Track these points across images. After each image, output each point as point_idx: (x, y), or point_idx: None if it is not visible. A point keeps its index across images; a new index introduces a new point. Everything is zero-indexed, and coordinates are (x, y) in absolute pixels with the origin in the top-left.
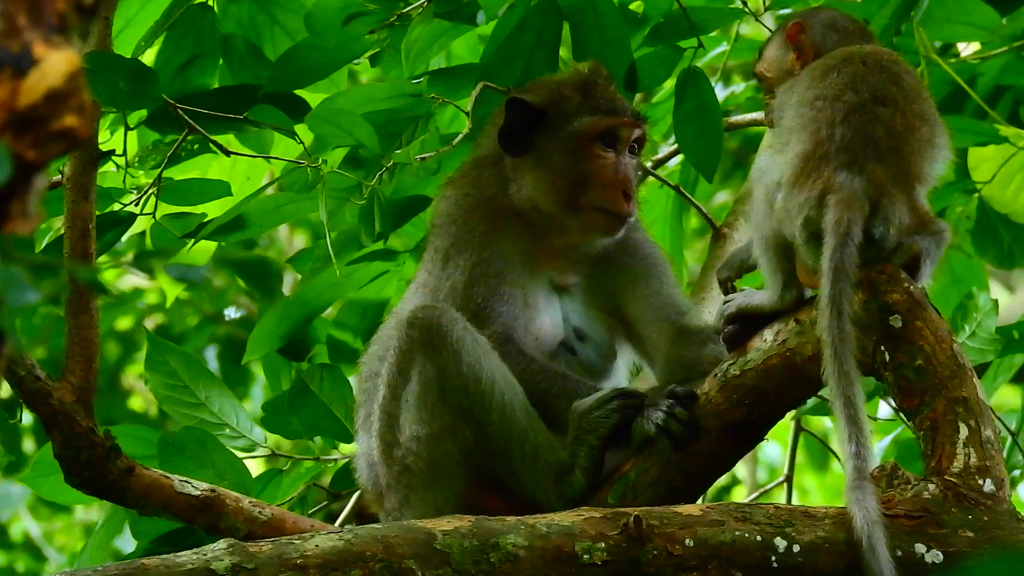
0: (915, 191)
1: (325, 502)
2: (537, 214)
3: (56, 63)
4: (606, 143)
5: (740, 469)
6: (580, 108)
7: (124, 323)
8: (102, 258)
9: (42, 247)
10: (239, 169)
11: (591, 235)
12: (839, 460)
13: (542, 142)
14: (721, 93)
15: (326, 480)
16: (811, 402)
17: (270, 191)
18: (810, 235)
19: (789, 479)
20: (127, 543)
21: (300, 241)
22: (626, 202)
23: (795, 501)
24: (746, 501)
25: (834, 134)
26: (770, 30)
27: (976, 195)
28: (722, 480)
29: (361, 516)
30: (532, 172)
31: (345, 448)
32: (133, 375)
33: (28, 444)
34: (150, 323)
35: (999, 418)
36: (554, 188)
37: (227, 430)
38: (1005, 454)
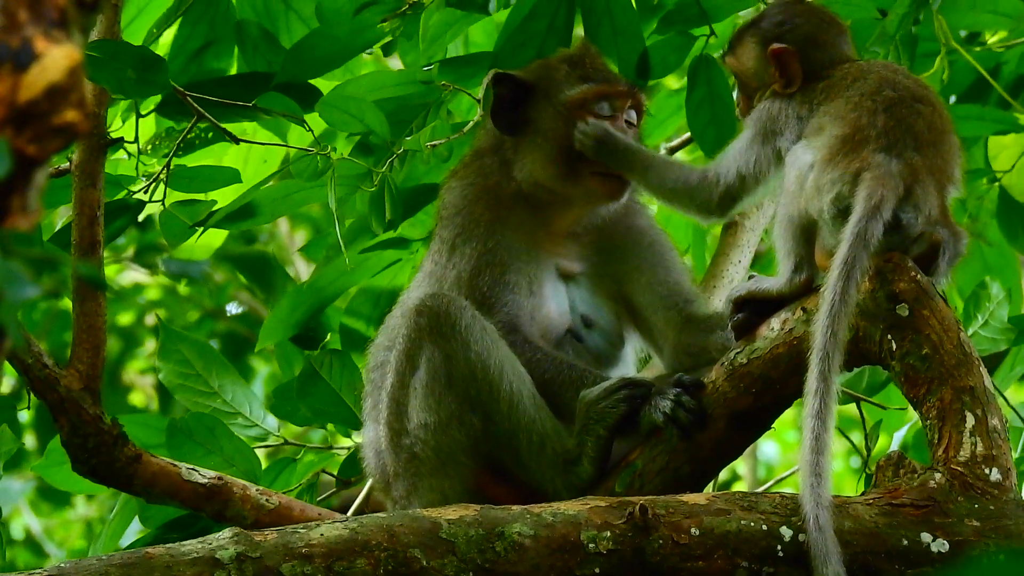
0: (946, 189)
1: (334, 489)
2: (541, 191)
3: (57, 58)
4: (600, 110)
5: (741, 466)
6: (569, 78)
7: (125, 319)
8: (104, 254)
9: (51, 235)
10: (255, 153)
11: (595, 202)
12: (854, 447)
13: (536, 116)
14: None
15: (336, 468)
16: None
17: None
18: (838, 211)
19: None
20: (125, 540)
21: (301, 237)
22: None
23: None
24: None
25: (875, 121)
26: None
27: (996, 184)
28: (722, 476)
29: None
30: (530, 147)
31: (357, 436)
32: (134, 371)
33: (29, 440)
34: (150, 319)
35: (1014, 409)
36: (552, 159)
37: (239, 419)
38: (1019, 446)
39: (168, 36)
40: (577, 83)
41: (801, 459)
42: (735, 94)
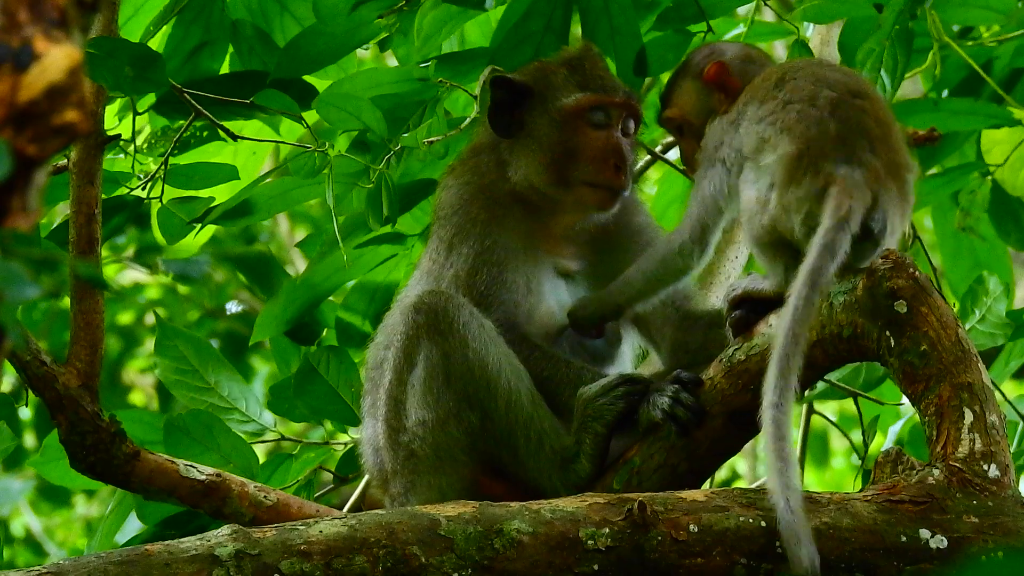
0: (906, 180)
1: (332, 486)
2: (535, 193)
3: (57, 58)
4: (595, 119)
5: (741, 464)
6: (567, 84)
7: (125, 318)
8: (104, 252)
9: (48, 233)
10: (244, 147)
11: (585, 210)
12: (852, 445)
13: (532, 121)
14: None
15: (335, 464)
16: (820, 386)
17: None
18: (810, 230)
19: (800, 462)
20: (123, 536)
21: (301, 235)
22: (617, 175)
23: None
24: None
25: (827, 130)
26: (778, 13)
27: (989, 178)
28: (722, 475)
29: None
30: (525, 151)
31: (355, 432)
32: (134, 370)
33: (29, 439)
34: (150, 318)
35: (1011, 404)
36: (544, 164)
37: (236, 414)
38: (1015, 441)
39: (162, 36)
40: (574, 90)
41: (766, 448)
42: (679, 151)
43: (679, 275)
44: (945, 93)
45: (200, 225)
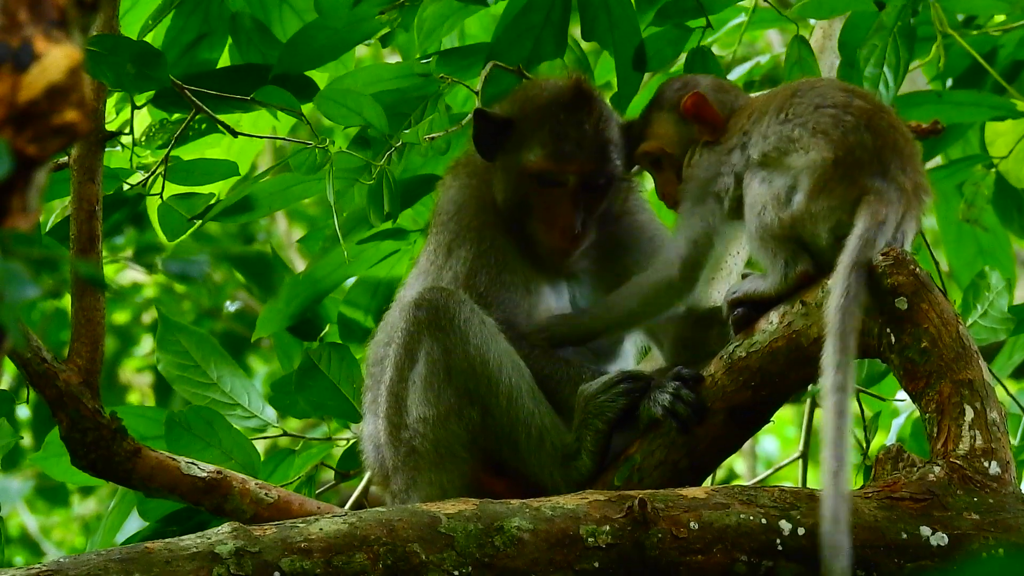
0: (924, 204)
1: (333, 482)
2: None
3: (57, 58)
4: (547, 180)
5: (740, 464)
6: (534, 134)
7: (121, 317)
8: (103, 249)
9: (48, 229)
10: (242, 140)
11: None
12: (856, 439)
13: (504, 156)
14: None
15: (336, 460)
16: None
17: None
18: (836, 239)
19: (804, 456)
20: (122, 535)
21: (299, 235)
22: (561, 238)
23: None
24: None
25: (863, 140)
26: (777, 9)
27: (993, 170)
28: (720, 475)
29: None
30: (499, 179)
31: (356, 429)
32: (131, 369)
33: (26, 440)
34: (147, 317)
35: (1013, 397)
36: (506, 203)
37: (238, 410)
38: (1019, 434)
39: (161, 29)
40: (535, 147)
41: (824, 437)
42: (656, 185)
43: (663, 311)
44: (949, 83)
45: (201, 221)
